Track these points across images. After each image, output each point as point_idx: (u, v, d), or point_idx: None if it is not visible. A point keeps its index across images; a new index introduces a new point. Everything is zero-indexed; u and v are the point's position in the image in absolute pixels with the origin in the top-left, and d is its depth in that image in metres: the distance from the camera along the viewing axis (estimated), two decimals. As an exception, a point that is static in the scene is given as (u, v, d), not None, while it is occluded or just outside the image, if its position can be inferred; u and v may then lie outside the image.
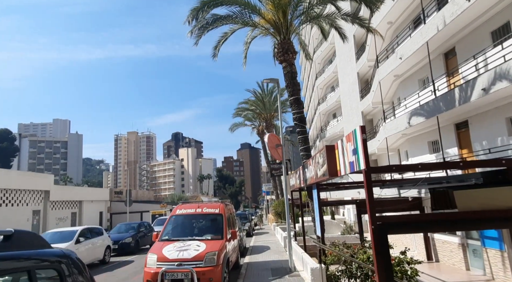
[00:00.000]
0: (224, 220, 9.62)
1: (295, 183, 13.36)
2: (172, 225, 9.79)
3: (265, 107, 36.63)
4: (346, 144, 6.04)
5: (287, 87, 13.57)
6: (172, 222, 9.90)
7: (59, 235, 13.16)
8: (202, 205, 10.11)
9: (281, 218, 33.14)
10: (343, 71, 28.86)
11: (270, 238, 22.99)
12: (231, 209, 11.99)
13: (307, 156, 12.68)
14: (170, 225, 9.78)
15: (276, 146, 10.54)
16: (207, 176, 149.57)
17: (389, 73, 17.42)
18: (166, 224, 9.79)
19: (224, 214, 9.83)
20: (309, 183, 9.75)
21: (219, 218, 9.73)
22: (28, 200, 29.78)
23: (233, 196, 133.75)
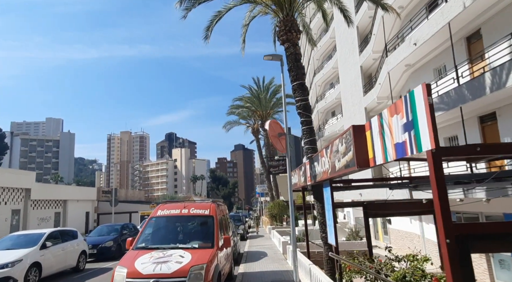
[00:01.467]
0: (216, 223, 7.83)
1: (298, 182, 11.61)
2: (151, 229, 7.97)
3: (261, 104, 34.87)
4: (389, 120, 4.28)
5: (289, 70, 11.82)
6: (151, 225, 8.08)
7: (23, 239, 11.23)
8: (189, 205, 8.32)
9: (276, 221, 31.43)
10: (344, 65, 27.24)
11: (266, 242, 21.20)
12: (224, 210, 10.19)
13: (313, 149, 10.93)
14: (148, 229, 7.95)
15: (278, 135, 8.77)
16: (200, 177, 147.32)
17: (400, 62, 15.78)
18: (143, 228, 7.96)
19: (215, 216, 8.04)
20: (320, 179, 8.00)
21: (210, 221, 7.95)
22: (7, 199, 27.66)
23: (226, 197, 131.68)
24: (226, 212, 10.63)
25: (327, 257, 10.51)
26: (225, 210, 10.44)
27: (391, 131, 4.29)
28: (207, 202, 8.91)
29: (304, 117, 11.42)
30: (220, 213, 8.82)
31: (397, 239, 20.35)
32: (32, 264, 10.10)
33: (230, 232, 10.42)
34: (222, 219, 8.92)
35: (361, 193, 19.20)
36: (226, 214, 10.56)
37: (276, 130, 8.99)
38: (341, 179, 8.27)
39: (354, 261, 7.10)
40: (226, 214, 10.56)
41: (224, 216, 9.76)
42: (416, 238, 17.71)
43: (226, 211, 10.73)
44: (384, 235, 22.67)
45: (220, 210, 8.97)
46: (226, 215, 10.41)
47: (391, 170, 18.78)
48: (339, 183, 8.22)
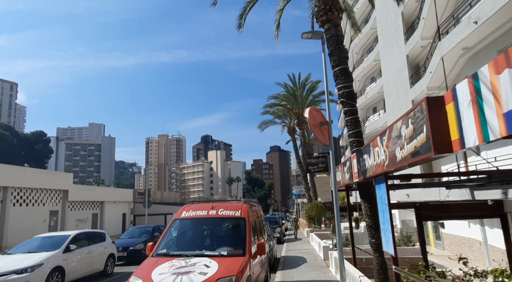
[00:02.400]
0: (248, 226, 6.67)
1: (342, 180, 10.20)
2: (174, 233, 6.97)
3: (297, 102, 33.40)
4: (493, 79, 2.90)
5: (330, 55, 10.44)
6: (174, 228, 7.08)
7: (47, 241, 10.66)
8: (217, 206, 7.21)
9: (314, 223, 29.86)
10: (388, 57, 25.26)
11: (305, 246, 19.79)
12: (259, 211, 8.98)
13: (358, 142, 9.49)
14: (171, 233, 6.94)
15: (320, 124, 7.46)
16: (236, 178, 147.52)
17: (456, 45, 13.89)
18: (165, 232, 6.97)
19: (248, 218, 6.87)
20: (371, 174, 6.62)
21: (241, 224, 6.80)
22: (45, 200, 28.18)
23: (262, 199, 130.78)
24: (261, 214, 9.42)
25: (378, 266, 9.02)
26: (260, 212, 9.24)
27: (496, 95, 2.89)
28: (238, 202, 7.76)
29: (348, 106, 10.01)
30: (253, 214, 7.65)
31: (452, 245, 18.23)
32: (54, 269, 9.46)
33: (266, 236, 9.23)
34: (255, 222, 7.74)
35: (408, 194, 17.36)
36: (261, 216, 9.36)
37: (317, 119, 7.69)
38: (398, 174, 6.82)
39: (420, 276, 5.65)
40: (261, 216, 9.36)
41: (259, 218, 8.58)
42: (475, 244, 15.62)
43: (261, 212, 9.53)
44: (436, 240, 20.51)
45: (253, 212, 7.79)
46: (261, 217, 9.20)
47: (444, 167, 16.74)
48: (395, 178, 6.77)
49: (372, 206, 9.05)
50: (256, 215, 8.15)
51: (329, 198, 71.43)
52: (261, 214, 9.49)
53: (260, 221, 8.73)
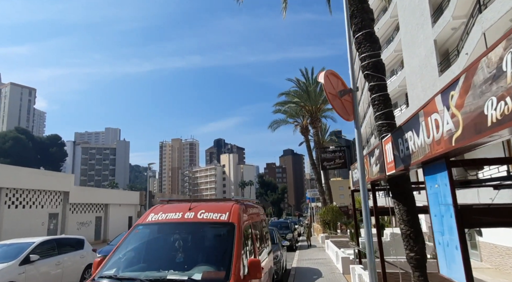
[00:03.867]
0: (237, 236, 4.54)
1: (367, 175, 7.95)
2: (131, 244, 4.89)
3: (310, 98, 31.12)
4: None
5: (352, 17, 8.28)
6: (135, 238, 4.98)
7: (5, 250, 8.72)
8: (198, 207, 5.07)
9: (330, 229, 27.43)
10: (411, 45, 22.82)
11: (319, 255, 17.47)
12: (258, 214, 6.88)
13: (389, 125, 7.26)
14: (128, 244, 4.89)
15: (340, 94, 5.30)
16: (249, 182, 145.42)
17: (503, 15, 11.50)
18: (120, 242, 4.87)
19: (238, 223, 4.74)
20: (422, 158, 4.40)
21: (227, 232, 4.66)
22: (44, 202, 26.61)
23: (275, 203, 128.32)
24: (262, 218, 7.16)
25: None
26: (260, 214, 7.00)
27: None
28: (227, 202, 5.62)
29: (375, 80, 7.80)
30: (248, 219, 5.48)
31: (492, 256, 15.63)
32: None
33: (268, 247, 7.04)
34: (252, 229, 5.58)
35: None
36: (263, 220, 7.15)
37: (336, 86, 5.54)
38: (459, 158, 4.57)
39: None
40: (263, 220, 7.15)
41: (258, 223, 6.40)
42: (525, 256, 13.10)
43: (262, 216, 7.29)
44: (471, 249, 17.90)
45: (248, 215, 5.59)
46: (262, 223, 6.98)
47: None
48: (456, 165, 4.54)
49: (409, 209, 6.81)
50: (253, 219, 5.98)
51: (344, 202, 68.01)
52: (263, 219, 7.30)
53: (260, 226, 6.57)
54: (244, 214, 5.36)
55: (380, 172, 6.57)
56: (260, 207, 7.46)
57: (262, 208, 7.64)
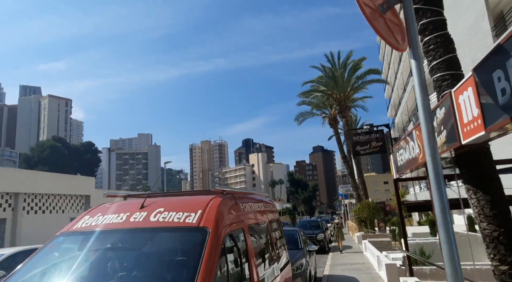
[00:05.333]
0: (208, 250, 2.54)
1: (419, 153, 5.62)
2: (41, 265, 2.95)
3: (337, 85, 28.44)
4: None
5: None
6: (44, 258, 3.03)
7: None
8: (154, 204, 3.16)
9: (367, 227, 24.80)
10: (454, 11, 19.83)
11: (357, 259, 15.10)
12: (264, 212, 4.69)
13: (453, 78, 4.97)
14: (30, 269, 2.94)
15: (382, 9, 3.04)
16: (279, 181, 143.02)
17: None
18: (21, 267, 2.99)
19: (214, 229, 2.69)
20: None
21: (194, 243, 2.67)
22: (64, 207, 25.77)
23: (306, 201, 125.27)
24: (272, 218, 4.90)
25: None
26: (267, 214, 4.67)
27: None
28: (203, 193, 3.56)
29: (428, 15, 5.55)
30: (238, 220, 3.29)
31: None
32: None
33: (282, 259, 4.87)
34: (245, 236, 3.40)
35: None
36: (273, 222, 4.92)
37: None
38: None
39: None
40: (273, 222, 4.92)
41: (261, 228, 4.22)
42: None
43: (272, 215, 4.97)
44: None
45: (240, 215, 3.44)
46: (272, 225, 4.85)
47: None
48: None
49: (494, 199, 4.50)
50: (254, 219, 3.89)
51: (380, 198, 64.15)
52: (274, 218, 5.10)
53: (268, 230, 4.43)
54: (231, 214, 3.30)
55: (448, 143, 4.28)
56: (270, 202, 5.32)
57: (273, 204, 5.49)
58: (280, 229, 5.44)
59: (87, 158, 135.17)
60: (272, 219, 4.94)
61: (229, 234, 3.05)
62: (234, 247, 3.10)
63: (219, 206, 3.13)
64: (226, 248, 2.87)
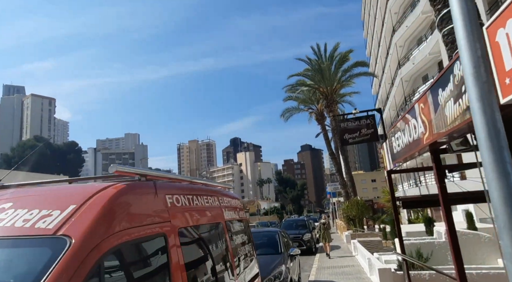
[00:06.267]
0: (55, 275, 1.30)
1: (427, 130, 4.35)
2: None
3: (324, 78, 27.30)
4: None
5: None
6: None
7: None
8: (5, 196, 1.91)
9: (355, 225, 23.76)
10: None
11: (345, 261, 13.92)
12: (213, 210, 3.16)
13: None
14: None
15: None
16: (267, 180, 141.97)
17: None
18: None
19: (84, 242, 1.49)
20: None
21: (42, 263, 1.42)
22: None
23: (295, 200, 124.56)
24: (232, 217, 3.53)
25: None
26: (226, 210, 3.36)
27: None
28: (94, 184, 2.25)
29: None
30: (148, 223, 2.01)
31: None
32: None
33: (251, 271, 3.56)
34: (168, 246, 2.08)
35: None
36: (232, 221, 3.45)
37: None
38: None
39: None
40: (232, 221, 3.45)
41: (211, 230, 2.82)
42: None
43: (233, 212, 3.58)
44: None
45: (147, 216, 2.05)
46: (232, 226, 3.38)
47: None
48: None
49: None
50: (202, 218, 2.61)
51: (368, 196, 63.62)
52: (238, 216, 3.85)
53: (223, 233, 3.07)
54: (138, 211, 1.99)
55: (466, 111, 3.02)
56: (231, 195, 3.95)
57: (236, 198, 4.11)
58: (246, 233, 4.14)
59: (71, 158, 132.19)
60: (232, 218, 3.62)
61: (126, 245, 1.75)
62: (133, 266, 1.81)
63: (112, 199, 1.82)
64: (109, 271, 1.59)
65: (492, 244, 9.59)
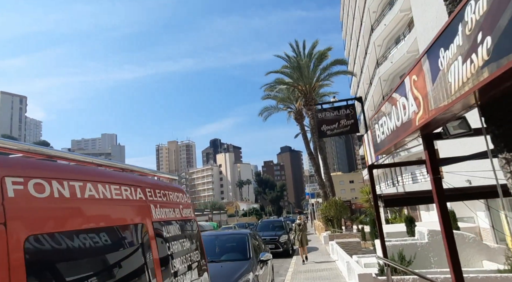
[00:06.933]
0: None
1: (426, 106, 3.56)
2: None
3: (303, 76, 26.71)
4: None
5: None
6: None
7: None
8: None
9: (334, 226, 23.23)
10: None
11: (323, 265, 13.18)
12: (130, 204, 2.24)
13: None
14: None
15: None
16: (247, 181, 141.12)
17: None
18: None
19: None
20: None
21: None
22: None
23: (274, 201, 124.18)
24: (165, 216, 2.62)
25: None
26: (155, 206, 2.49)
27: None
28: None
29: None
30: None
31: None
32: None
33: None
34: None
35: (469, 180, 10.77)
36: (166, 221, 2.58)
37: None
38: None
39: None
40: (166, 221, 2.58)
41: (123, 232, 2.05)
42: None
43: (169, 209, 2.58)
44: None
45: None
46: (166, 227, 2.54)
47: None
48: None
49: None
50: (100, 217, 1.76)
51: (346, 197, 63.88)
52: (182, 215, 2.92)
53: (148, 238, 2.17)
54: None
55: (496, 62, 2.20)
56: (165, 184, 2.92)
57: (177, 189, 3.07)
58: (193, 237, 3.22)
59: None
60: (167, 219, 2.68)
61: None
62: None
63: None
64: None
65: (476, 244, 9.04)
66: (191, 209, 3.32)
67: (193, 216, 3.37)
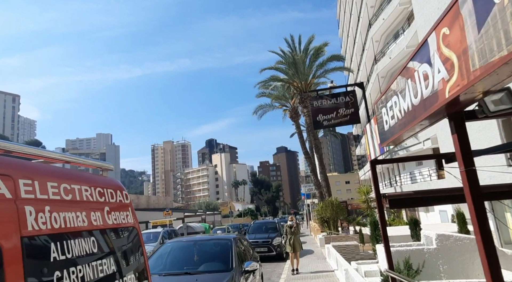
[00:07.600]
0: None
1: (451, 80, 2.62)
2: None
3: (298, 72, 25.76)
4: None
5: None
6: None
7: None
8: None
9: (330, 228, 22.34)
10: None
11: (319, 268, 12.21)
12: None
13: None
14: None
15: None
16: (242, 182, 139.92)
17: None
18: None
19: None
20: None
21: None
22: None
23: (270, 201, 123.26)
24: (84, 225, 1.78)
25: None
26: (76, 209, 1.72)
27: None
28: None
29: None
30: None
31: None
32: None
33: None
34: None
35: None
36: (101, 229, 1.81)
37: None
38: None
39: None
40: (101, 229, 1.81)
41: None
42: None
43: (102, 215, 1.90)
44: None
45: None
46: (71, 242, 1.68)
47: None
48: None
49: None
50: None
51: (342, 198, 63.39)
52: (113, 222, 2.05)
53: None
54: None
55: None
56: (84, 174, 1.97)
57: (99, 184, 2.10)
58: (128, 253, 2.22)
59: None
60: (62, 230, 1.65)
61: None
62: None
63: None
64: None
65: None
66: (129, 212, 2.34)
67: (132, 222, 2.38)
